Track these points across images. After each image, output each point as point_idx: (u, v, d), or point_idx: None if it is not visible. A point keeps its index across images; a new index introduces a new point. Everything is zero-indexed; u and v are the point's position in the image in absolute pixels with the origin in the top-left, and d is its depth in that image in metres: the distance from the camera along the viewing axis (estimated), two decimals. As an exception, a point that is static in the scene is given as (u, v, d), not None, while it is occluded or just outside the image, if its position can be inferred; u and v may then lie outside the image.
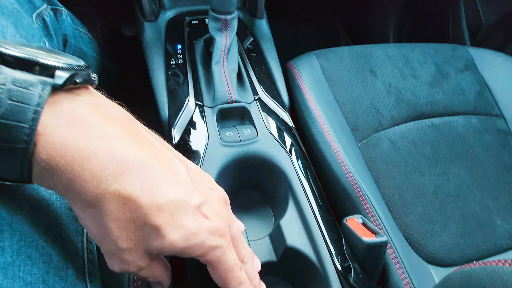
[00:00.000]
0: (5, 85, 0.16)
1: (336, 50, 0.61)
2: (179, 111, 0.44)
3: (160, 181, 0.20)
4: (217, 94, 0.44)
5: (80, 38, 0.51)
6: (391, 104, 0.56)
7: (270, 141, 0.43)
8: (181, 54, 0.50)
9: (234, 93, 0.45)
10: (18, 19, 0.32)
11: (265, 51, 0.55)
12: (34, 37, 0.34)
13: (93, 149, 0.18)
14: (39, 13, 0.38)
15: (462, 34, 0.86)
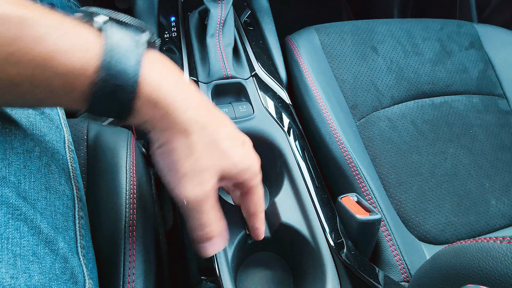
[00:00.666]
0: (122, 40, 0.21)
1: (337, 25, 0.59)
2: (173, 86, 0.43)
3: (222, 119, 0.27)
4: (212, 69, 0.43)
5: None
6: (391, 82, 0.55)
7: (266, 118, 0.42)
8: (175, 26, 0.48)
9: (230, 69, 0.44)
10: None
11: (263, 25, 0.53)
12: None
13: (180, 87, 0.23)
14: None
15: (470, 10, 0.83)
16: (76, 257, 0.25)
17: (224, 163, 0.25)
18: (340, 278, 0.31)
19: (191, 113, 0.23)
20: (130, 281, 0.29)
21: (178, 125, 0.23)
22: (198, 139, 0.24)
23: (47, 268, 0.22)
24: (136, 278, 0.30)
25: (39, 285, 0.21)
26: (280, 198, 0.38)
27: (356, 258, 0.33)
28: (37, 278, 0.21)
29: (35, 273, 0.21)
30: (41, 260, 0.22)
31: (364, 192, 0.43)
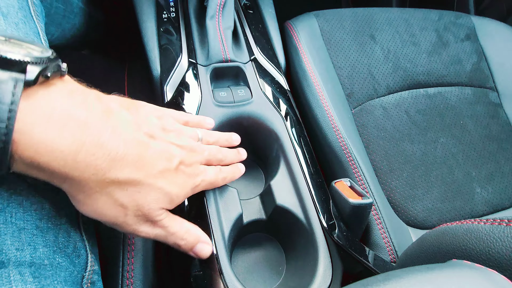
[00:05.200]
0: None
1: (336, 12, 0.59)
2: (172, 68, 0.43)
3: (150, 156, 0.24)
4: (211, 52, 0.43)
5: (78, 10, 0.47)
6: (388, 71, 0.56)
7: (264, 103, 0.43)
8: (174, 7, 0.47)
9: (229, 52, 0.43)
10: None
11: (263, 9, 0.53)
12: None
13: (80, 142, 0.19)
14: None
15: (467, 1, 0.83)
16: (78, 232, 0.26)
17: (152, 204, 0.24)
18: (332, 257, 0.33)
19: (104, 171, 0.20)
20: (130, 270, 0.30)
21: (90, 186, 0.21)
22: (120, 194, 0.22)
23: (50, 241, 0.23)
24: (135, 268, 0.31)
25: (43, 257, 0.22)
26: (276, 181, 0.39)
27: (348, 238, 0.35)
28: (41, 251, 0.22)
29: (40, 246, 0.22)
30: (44, 234, 0.23)
31: (357, 178, 0.44)
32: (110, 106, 0.23)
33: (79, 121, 0.19)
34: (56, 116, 0.18)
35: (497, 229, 0.21)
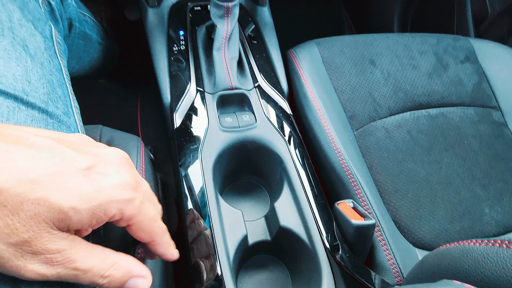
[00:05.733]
0: None
1: (336, 39, 0.62)
2: (181, 96, 0.46)
3: (19, 157, 0.17)
4: (218, 81, 0.46)
5: (84, 22, 0.52)
6: (388, 93, 0.57)
7: (268, 127, 0.45)
8: (184, 40, 0.51)
9: (234, 80, 0.46)
10: (24, 3, 0.34)
11: (266, 39, 0.56)
12: (40, 21, 0.35)
13: None
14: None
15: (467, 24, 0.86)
16: None
17: (52, 215, 0.17)
18: (335, 278, 0.33)
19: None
20: None
21: None
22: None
23: None
24: None
25: None
26: (280, 203, 0.40)
27: (351, 260, 0.35)
28: None
29: None
30: None
31: (360, 199, 0.45)
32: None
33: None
34: None
35: (491, 250, 0.22)
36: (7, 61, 0.27)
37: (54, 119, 0.29)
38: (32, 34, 0.32)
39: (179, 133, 0.42)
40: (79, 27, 0.50)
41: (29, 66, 0.29)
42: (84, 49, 0.54)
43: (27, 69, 0.29)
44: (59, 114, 0.29)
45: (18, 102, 0.26)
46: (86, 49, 0.54)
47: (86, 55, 0.55)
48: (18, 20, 0.31)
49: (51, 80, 0.31)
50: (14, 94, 0.26)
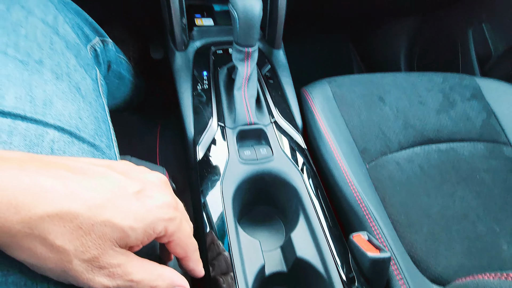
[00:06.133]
0: None
1: (347, 77, 0.66)
2: (203, 130, 0.50)
3: (87, 186, 0.20)
4: (238, 117, 0.50)
5: (120, 64, 0.58)
6: (398, 128, 0.60)
7: (284, 160, 0.47)
8: (207, 80, 0.57)
9: (253, 116, 0.50)
10: (78, 51, 0.39)
11: (281, 78, 0.61)
12: (89, 66, 0.41)
13: None
14: (92, 45, 0.46)
15: (472, 63, 0.90)
16: None
17: (115, 234, 0.20)
18: (352, 311, 0.34)
19: (29, 207, 0.17)
20: None
21: (16, 228, 0.17)
22: (57, 233, 0.18)
23: None
24: None
25: None
26: (296, 234, 0.42)
27: (367, 293, 0.35)
28: None
29: None
30: None
31: (374, 231, 0.46)
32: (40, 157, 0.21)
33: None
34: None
35: (505, 284, 0.23)
36: (65, 102, 0.32)
37: (99, 152, 0.33)
38: (84, 78, 0.37)
39: (201, 164, 0.46)
40: (115, 68, 0.56)
41: (81, 105, 0.34)
42: (117, 87, 0.60)
43: (80, 108, 0.33)
44: (103, 147, 0.33)
45: (72, 136, 0.30)
46: (119, 87, 0.61)
47: (118, 92, 0.61)
48: (74, 66, 0.36)
49: (97, 117, 0.35)
50: (69, 130, 0.30)
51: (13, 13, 0.34)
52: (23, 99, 0.29)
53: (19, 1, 0.35)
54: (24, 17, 0.35)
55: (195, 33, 0.63)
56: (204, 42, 0.63)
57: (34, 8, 0.36)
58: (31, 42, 0.33)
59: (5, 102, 0.28)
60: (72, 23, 0.41)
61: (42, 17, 0.36)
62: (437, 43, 1.04)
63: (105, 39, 0.51)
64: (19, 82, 0.30)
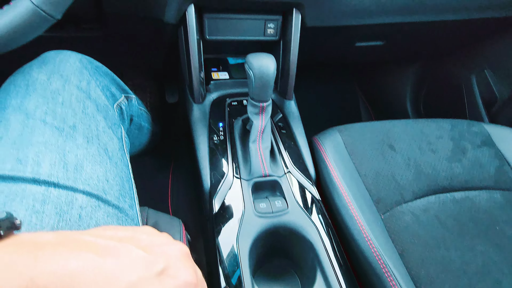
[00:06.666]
0: None
1: (356, 126, 0.68)
2: (220, 182, 0.51)
3: (113, 269, 0.20)
4: (253, 169, 0.51)
5: (141, 116, 0.62)
6: (411, 177, 0.60)
7: (299, 213, 0.48)
8: (223, 131, 0.59)
9: (268, 168, 0.52)
10: (106, 112, 0.43)
11: (294, 128, 0.63)
12: (115, 125, 0.44)
13: (28, 279, 0.18)
14: (118, 103, 0.49)
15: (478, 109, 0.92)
16: None
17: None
18: None
19: None
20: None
21: None
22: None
23: None
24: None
25: None
26: (314, 292, 0.41)
27: None
28: None
29: None
30: None
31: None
32: (70, 235, 0.23)
33: (27, 261, 0.19)
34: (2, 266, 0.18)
35: None
36: (94, 165, 0.34)
37: (122, 213, 0.34)
38: (111, 138, 0.40)
39: (217, 218, 0.46)
40: (136, 120, 0.59)
41: (108, 166, 0.36)
42: (137, 136, 0.63)
43: (107, 170, 0.35)
44: (126, 208, 0.35)
45: (99, 200, 0.32)
46: (139, 136, 0.64)
47: (137, 141, 0.64)
48: (103, 128, 0.39)
49: (121, 176, 0.37)
50: (97, 195, 0.32)
51: (53, 83, 0.38)
52: (57, 165, 0.31)
53: (58, 71, 0.39)
54: (62, 86, 0.38)
55: (212, 86, 0.67)
56: (220, 94, 0.67)
57: (71, 76, 0.40)
58: (67, 108, 0.37)
59: (41, 170, 0.30)
60: (102, 85, 0.45)
61: (77, 83, 0.40)
62: (442, 87, 1.07)
63: (129, 95, 0.55)
64: (55, 148, 0.32)
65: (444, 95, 1.07)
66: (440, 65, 1.08)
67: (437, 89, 1.09)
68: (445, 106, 1.06)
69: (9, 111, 0.34)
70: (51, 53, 0.42)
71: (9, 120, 0.33)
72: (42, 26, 0.33)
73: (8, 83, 0.37)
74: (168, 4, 0.54)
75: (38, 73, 0.38)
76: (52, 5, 0.32)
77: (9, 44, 0.33)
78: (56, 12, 0.33)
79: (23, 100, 0.35)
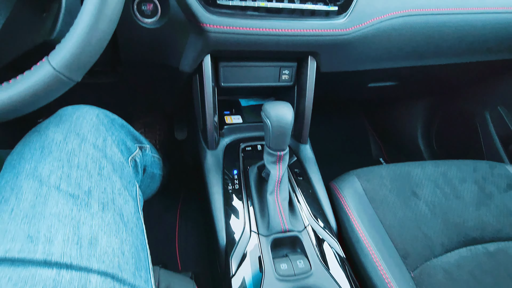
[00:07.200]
0: None
1: (374, 170, 0.66)
2: (236, 238, 0.48)
3: None
4: (272, 224, 0.48)
5: (154, 164, 0.60)
6: (438, 227, 0.57)
7: (323, 275, 0.44)
8: (237, 179, 0.57)
9: (287, 222, 0.49)
10: (122, 170, 0.41)
11: (310, 174, 0.61)
12: (130, 183, 0.42)
13: None
14: (133, 156, 0.48)
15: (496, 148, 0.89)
16: None
17: None
18: None
19: None
20: None
21: None
22: None
23: None
24: None
25: None
26: None
27: None
28: None
29: None
30: None
31: None
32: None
33: None
34: None
35: None
36: (109, 236, 0.31)
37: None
38: (126, 201, 0.37)
39: (235, 281, 0.43)
40: (149, 170, 0.57)
41: (124, 236, 0.33)
42: (149, 185, 0.60)
43: (122, 240, 0.32)
44: (142, 285, 0.32)
45: (114, 280, 0.29)
46: (151, 185, 0.61)
47: (149, 190, 0.62)
48: (118, 190, 0.37)
49: (137, 244, 0.35)
50: (111, 273, 0.29)
51: (69, 143, 0.36)
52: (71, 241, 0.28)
53: (75, 129, 0.38)
54: (78, 145, 0.37)
55: (225, 131, 0.66)
56: (233, 138, 0.66)
57: (88, 134, 0.39)
58: (82, 171, 0.35)
59: (53, 248, 0.27)
60: (118, 140, 0.43)
61: (93, 141, 0.39)
62: (454, 122, 1.06)
63: (143, 145, 0.54)
64: (69, 220, 0.30)
65: (457, 130, 1.05)
66: (451, 99, 1.07)
67: (449, 124, 1.07)
68: (459, 142, 1.04)
69: (22, 177, 0.32)
70: (68, 109, 0.41)
71: (21, 188, 0.31)
72: (62, 89, 0.33)
73: (23, 145, 0.36)
74: (184, 54, 0.54)
75: (55, 133, 0.37)
76: (73, 70, 0.31)
77: (29, 107, 0.32)
78: (76, 75, 0.32)
79: (38, 164, 0.33)
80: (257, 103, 0.78)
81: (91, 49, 0.31)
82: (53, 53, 0.31)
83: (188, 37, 0.51)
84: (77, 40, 0.30)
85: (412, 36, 0.59)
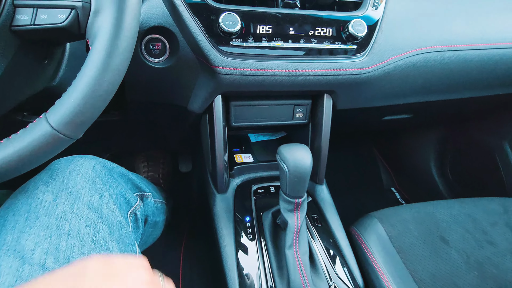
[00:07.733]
0: None
1: (396, 212, 0.61)
2: (252, 301, 0.42)
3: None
4: (292, 284, 0.43)
5: (156, 211, 0.55)
6: (475, 281, 0.51)
7: None
8: (250, 227, 0.52)
9: (309, 282, 0.43)
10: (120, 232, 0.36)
11: (329, 219, 0.56)
12: (129, 245, 0.37)
13: None
14: (133, 209, 0.43)
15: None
16: None
17: None
18: None
19: None
20: None
21: None
22: None
23: None
24: None
25: None
26: None
27: None
28: None
29: None
30: None
31: None
32: None
33: None
34: None
35: None
36: None
37: None
38: None
39: None
40: (151, 219, 0.52)
41: None
42: (151, 234, 0.55)
43: None
44: None
45: None
46: (153, 234, 0.56)
47: (151, 238, 0.57)
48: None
49: None
50: None
51: (60, 205, 0.32)
52: None
53: (67, 187, 0.34)
54: (70, 207, 0.32)
55: (235, 171, 0.62)
56: (244, 179, 0.61)
57: (82, 191, 0.34)
58: (73, 239, 0.30)
59: None
60: (116, 194, 0.39)
61: (88, 200, 0.34)
62: (469, 152, 1.01)
63: (144, 193, 0.50)
64: None
65: (473, 161, 1.01)
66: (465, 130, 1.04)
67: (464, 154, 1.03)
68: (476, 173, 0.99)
69: (2, 253, 0.27)
70: (61, 162, 0.37)
71: (0, 267, 0.26)
72: (61, 147, 0.29)
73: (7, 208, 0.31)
74: (194, 94, 0.51)
75: (44, 193, 0.32)
76: (73, 128, 0.27)
77: (27, 166, 0.28)
78: (77, 133, 0.28)
79: (21, 235, 0.28)
80: (267, 138, 0.75)
81: (94, 105, 0.27)
82: (52, 110, 0.27)
83: (198, 77, 0.49)
84: (79, 97, 0.27)
85: (432, 72, 0.56)
